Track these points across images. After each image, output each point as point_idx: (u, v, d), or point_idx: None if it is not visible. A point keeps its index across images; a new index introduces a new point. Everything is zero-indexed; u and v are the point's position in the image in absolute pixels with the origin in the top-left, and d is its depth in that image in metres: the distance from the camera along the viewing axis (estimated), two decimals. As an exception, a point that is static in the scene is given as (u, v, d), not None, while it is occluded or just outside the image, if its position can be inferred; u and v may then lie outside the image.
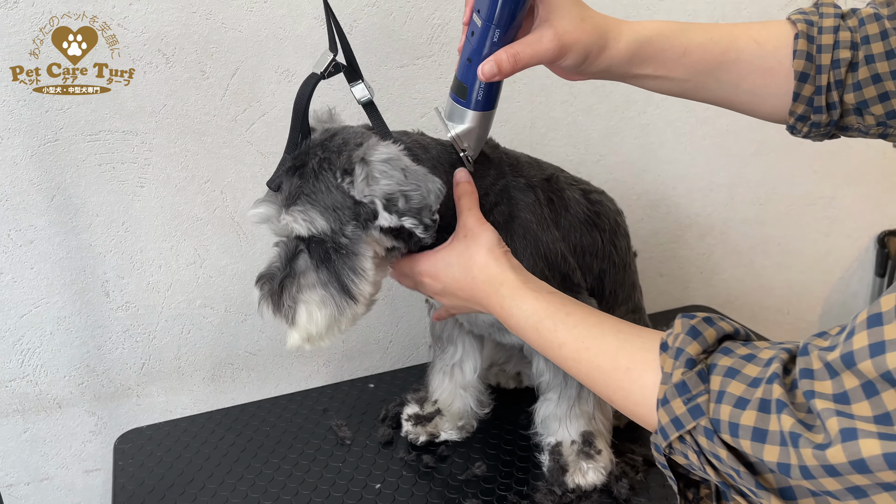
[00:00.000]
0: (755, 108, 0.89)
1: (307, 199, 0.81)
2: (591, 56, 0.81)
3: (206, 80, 1.19)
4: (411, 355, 1.51)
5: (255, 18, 1.18)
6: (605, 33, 0.81)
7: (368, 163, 0.79)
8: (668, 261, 1.68)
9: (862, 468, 0.46)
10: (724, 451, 0.56)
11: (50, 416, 1.29)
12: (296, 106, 0.83)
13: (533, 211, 0.94)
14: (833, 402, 0.48)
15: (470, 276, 0.85)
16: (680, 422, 0.59)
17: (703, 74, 0.85)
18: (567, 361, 0.76)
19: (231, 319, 1.35)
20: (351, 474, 1.05)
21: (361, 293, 0.85)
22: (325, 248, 0.83)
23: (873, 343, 0.46)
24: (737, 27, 0.86)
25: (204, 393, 1.38)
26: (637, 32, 0.83)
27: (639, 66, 0.84)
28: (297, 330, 0.84)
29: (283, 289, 0.84)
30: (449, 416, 1.12)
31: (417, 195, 0.79)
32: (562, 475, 0.98)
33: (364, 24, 1.24)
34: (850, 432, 0.47)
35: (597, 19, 0.81)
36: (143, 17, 1.12)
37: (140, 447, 1.14)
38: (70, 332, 1.25)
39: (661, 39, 0.83)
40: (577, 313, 0.76)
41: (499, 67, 0.78)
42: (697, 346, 0.61)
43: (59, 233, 1.19)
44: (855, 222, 1.82)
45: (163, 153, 1.20)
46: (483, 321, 1.00)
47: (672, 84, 0.87)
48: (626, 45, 0.82)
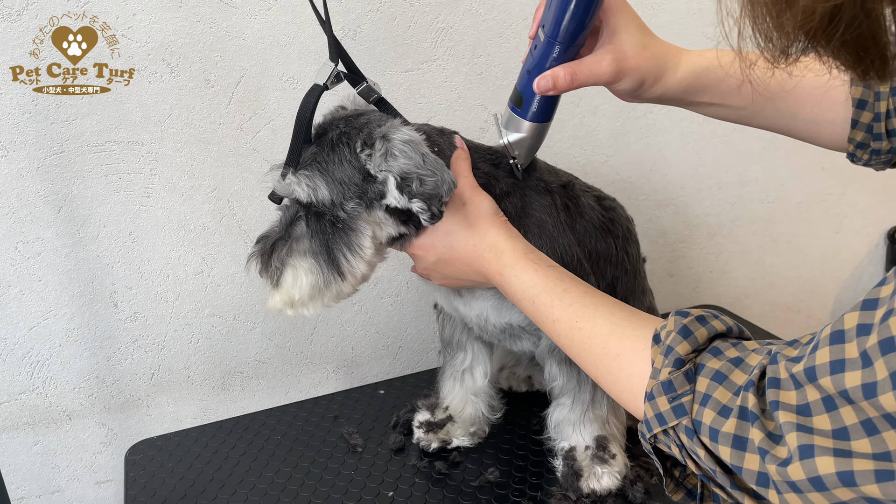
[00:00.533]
0: (814, 136, 0.89)
1: (317, 167, 0.81)
2: (646, 83, 0.83)
3: (211, 88, 1.18)
4: (421, 360, 1.50)
5: (258, 26, 1.18)
6: (664, 63, 0.83)
7: (390, 140, 0.80)
8: (677, 261, 1.67)
9: (819, 486, 0.47)
10: (702, 451, 0.57)
11: (60, 428, 1.28)
12: (299, 117, 0.82)
13: (549, 213, 0.93)
14: (796, 413, 0.49)
15: (469, 244, 0.85)
16: (663, 418, 0.61)
17: (760, 103, 0.86)
18: (560, 338, 0.77)
19: (240, 328, 1.34)
20: (363, 482, 1.05)
21: (352, 270, 0.84)
22: (323, 220, 0.83)
23: (834, 360, 0.47)
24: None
25: (213, 402, 1.37)
26: (695, 63, 0.84)
27: (695, 94, 0.86)
28: (280, 292, 0.84)
29: (273, 250, 0.85)
30: (460, 422, 1.12)
31: (432, 181, 0.79)
32: (576, 480, 0.97)
33: (368, 29, 1.24)
34: (807, 449, 0.48)
35: (658, 48, 0.82)
36: (147, 27, 1.12)
37: (151, 458, 1.14)
38: (79, 344, 1.24)
39: (718, 70, 0.84)
40: (573, 290, 0.77)
41: (554, 83, 0.80)
42: (687, 345, 0.61)
43: (67, 244, 1.18)
44: (864, 218, 1.80)
45: (169, 163, 1.20)
46: (493, 326, 0.99)
47: (729, 111, 0.88)
48: (683, 75, 0.84)
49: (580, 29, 0.75)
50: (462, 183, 0.86)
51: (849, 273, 1.87)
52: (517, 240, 0.84)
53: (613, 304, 0.75)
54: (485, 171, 0.91)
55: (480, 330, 1.03)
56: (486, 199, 0.86)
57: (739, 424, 0.54)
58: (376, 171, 0.80)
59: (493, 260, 0.83)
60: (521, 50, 1.36)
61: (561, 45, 0.77)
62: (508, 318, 0.97)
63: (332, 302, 0.87)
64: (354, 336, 1.43)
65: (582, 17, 0.74)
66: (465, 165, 0.88)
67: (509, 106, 0.89)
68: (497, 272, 0.83)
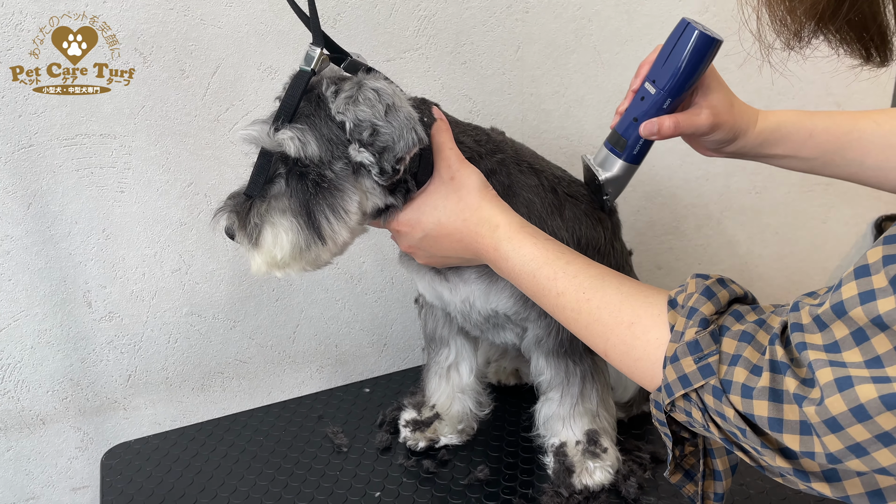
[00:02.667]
0: (882, 182, 0.94)
1: (307, 121, 0.78)
2: (730, 138, 0.91)
3: (186, 79, 1.15)
4: (407, 357, 1.48)
5: (234, 14, 1.14)
6: (746, 121, 0.91)
7: (361, 86, 0.77)
8: (664, 253, 1.65)
9: (862, 415, 0.47)
10: (730, 411, 0.57)
11: (34, 434, 1.24)
12: (285, 103, 0.79)
13: (537, 193, 0.91)
14: (824, 352, 0.50)
15: (460, 218, 0.82)
16: (688, 379, 0.60)
17: (829, 153, 0.93)
18: (564, 311, 0.75)
19: (219, 327, 1.31)
20: (349, 483, 1.02)
21: (333, 235, 0.81)
22: (307, 180, 0.79)
23: (863, 292, 0.49)
24: (858, 112, 0.95)
25: (193, 404, 1.34)
26: (768, 121, 0.93)
27: (769, 148, 0.93)
28: (261, 252, 0.81)
29: (251, 207, 0.80)
30: (448, 420, 1.09)
31: (387, 134, 0.77)
32: (568, 476, 0.95)
33: (347, 17, 1.21)
34: (845, 381, 0.48)
35: (741, 107, 0.91)
36: (118, 15, 1.08)
37: (128, 462, 1.10)
38: (52, 346, 1.20)
39: (789, 125, 0.92)
40: (576, 262, 0.76)
41: (659, 129, 0.87)
42: (711, 306, 0.62)
43: (37, 242, 1.14)
44: (852, 209, 1.80)
45: (143, 156, 1.16)
46: (478, 314, 0.97)
47: (801, 162, 0.95)
48: (759, 132, 0.92)
49: (687, 85, 0.87)
50: (448, 155, 0.84)
51: (836, 264, 1.87)
52: (511, 213, 0.82)
53: (618, 275, 0.74)
54: (468, 145, 0.88)
55: (464, 319, 1.00)
56: (474, 172, 0.84)
57: (773, 378, 0.54)
58: (335, 113, 0.78)
59: (486, 234, 0.81)
60: (506, 39, 1.34)
61: (670, 98, 0.87)
62: (496, 304, 0.94)
63: (310, 267, 0.83)
64: (338, 334, 1.41)
65: (690, 77, 0.86)
66: (448, 136, 0.85)
67: (606, 146, 0.95)
68: (491, 247, 0.80)
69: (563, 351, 0.96)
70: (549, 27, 1.36)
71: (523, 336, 0.99)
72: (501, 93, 1.36)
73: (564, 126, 1.44)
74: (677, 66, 0.85)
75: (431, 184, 0.84)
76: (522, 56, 1.36)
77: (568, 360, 0.96)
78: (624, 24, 1.42)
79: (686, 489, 0.72)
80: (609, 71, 1.44)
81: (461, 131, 0.89)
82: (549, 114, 1.42)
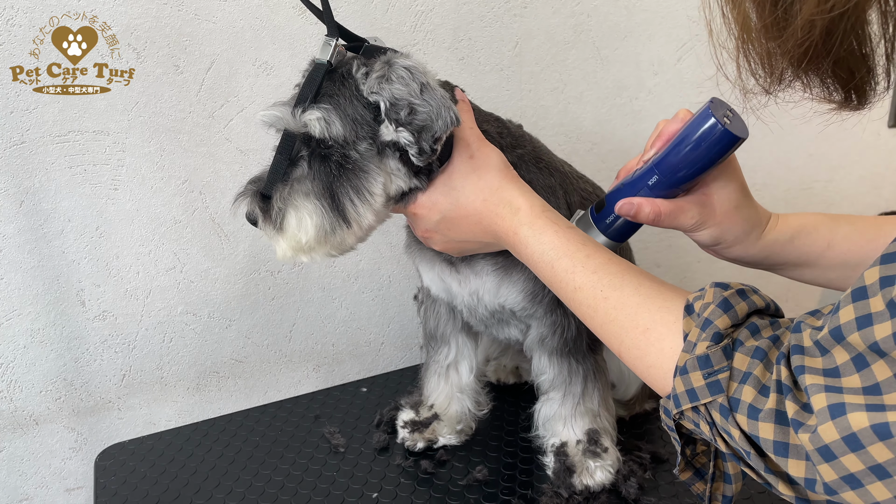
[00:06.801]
0: None
1: (331, 101, 0.76)
2: (724, 242, 0.80)
3: (181, 74, 1.13)
4: (404, 357, 1.46)
5: (229, 9, 1.13)
6: (750, 227, 0.79)
7: (392, 64, 0.75)
8: (664, 251, 1.64)
9: (854, 444, 0.46)
10: (736, 432, 0.55)
11: (27, 434, 1.23)
12: (304, 90, 0.77)
13: (554, 193, 0.90)
14: (823, 376, 0.49)
15: (479, 198, 0.79)
16: (696, 394, 0.58)
17: (849, 268, 0.80)
18: (581, 307, 0.72)
19: (215, 326, 1.29)
20: (346, 483, 1.00)
21: (358, 219, 0.79)
22: (329, 163, 0.77)
23: (860, 316, 0.47)
24: (881, 217, 0.84)
25: (188, 404, 1.32)
26: (780, 233, 0.81)
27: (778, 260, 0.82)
28: (286, 237, 0.78)
29: (273, 191, 0.78)
30: (446, 420, 1.08)
31: (425, 112, 0.74)
32: (569, 477, 0.94)
33: (343, 13, 1.19)
34: (838, 408, 0.47)
35: (750, 211, 0.79)
36: (111, 10, 1.06)
37: (123, 463, 1.09)
38: (45, 345, 1.19)
39: (804, 235, 0.81)
40: (597, 257, 0.72)
41: (636, 211, 0.78)
42: (727, 319, 0.59)
43: (30, 240, 1.13)
44: (852, 205, 1.79)
45: (137, 153, 1.15)
46: (485, 308, 0.96)
47: (818, 273, 0.83)
48: (766, 244, 0.81)
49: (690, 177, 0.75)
50: (468, 134, 0.81)
51: (836, 261, 1.86)
52: (533, 196, 0.78)
53: (639, 272, 0.71)
54: (492, 134, 0.86)
55: (470, 313, 0.99)
56: (494, 152, 0.81)
57: (778, 399, 0.52)
58: (368, 94, 0.76)
59: (507, 216, 0.77)
60: (504, 35, 1.33)
61: (658, 177, 0.76)
62: (504, 298, 0.93)
63: (335, 251, 0.81)
64: (335, 333, 1.39)
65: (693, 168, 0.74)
66: (469, 117, 0.83)
67: (590, 209, 0.85)
68: (511, 230, 0.77)
69: (566, 350, 0.95)
70: (548, 22, 1.35)
71: (527, 332, 0.98)
72: (499, 89, 1.34)
73: (563, 122, 1.43)
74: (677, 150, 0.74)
75: (450, 164, 0.81)
76: (521, 52, 1.34)
77: (571, 359, 0.95)
78: (623, 20, 1.41)
79: (695, 487, 0.71)
80: (608, 67, 1.43)
81: (483, 119, 0.87)
82: (547, 110, 1.40)
